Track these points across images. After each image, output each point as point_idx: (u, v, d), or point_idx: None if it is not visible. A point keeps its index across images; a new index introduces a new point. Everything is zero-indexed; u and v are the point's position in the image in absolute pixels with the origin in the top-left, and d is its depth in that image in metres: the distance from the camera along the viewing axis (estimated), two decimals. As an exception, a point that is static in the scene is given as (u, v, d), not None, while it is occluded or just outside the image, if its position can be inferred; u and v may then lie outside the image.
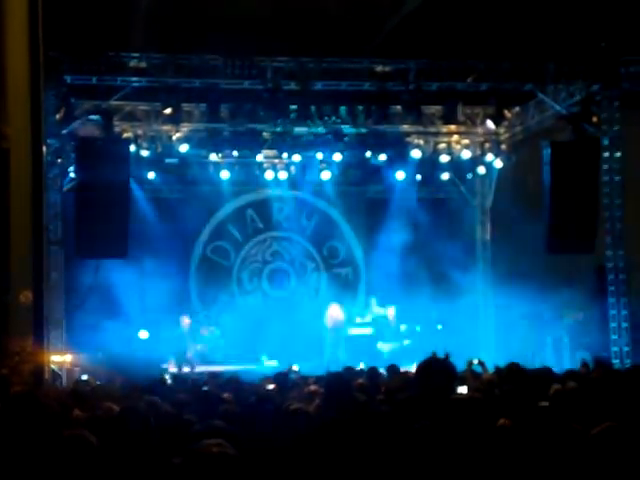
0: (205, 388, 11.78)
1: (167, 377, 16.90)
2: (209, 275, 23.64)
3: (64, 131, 18.62)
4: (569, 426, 5.49)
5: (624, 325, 18.79)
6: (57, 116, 18.28)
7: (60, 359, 17.99)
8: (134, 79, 18.12)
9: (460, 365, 12.27)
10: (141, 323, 20.72)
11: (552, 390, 7.92)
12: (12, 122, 14.92)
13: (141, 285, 20.59)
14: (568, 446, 4.73)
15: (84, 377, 16.93)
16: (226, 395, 9.28)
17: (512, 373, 9.07)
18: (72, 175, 19.16)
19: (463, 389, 8.90)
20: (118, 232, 17.62)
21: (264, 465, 4.78)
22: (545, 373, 10.14)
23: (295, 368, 15.99)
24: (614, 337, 18.82)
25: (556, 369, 12.07)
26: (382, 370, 12.63)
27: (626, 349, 18.64)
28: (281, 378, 11.61)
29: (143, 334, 20.98)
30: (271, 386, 11.15)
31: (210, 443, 3.94)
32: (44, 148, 16.12)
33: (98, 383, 14.69)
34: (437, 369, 5.27)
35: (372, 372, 11.91)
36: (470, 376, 11.54)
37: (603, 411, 6.09)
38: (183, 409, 7.48)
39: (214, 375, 15.22)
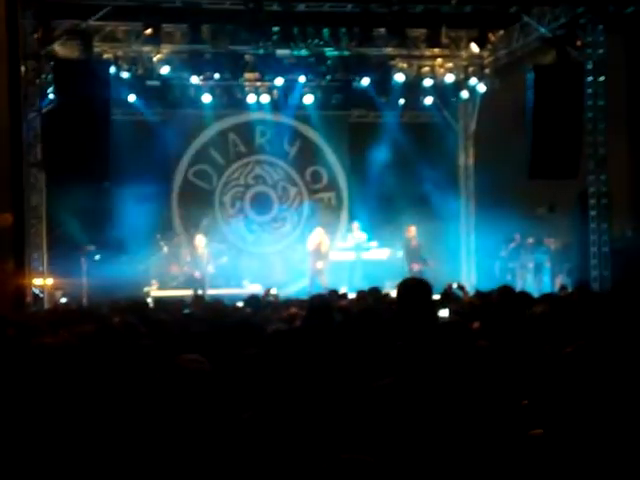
0: (187, 311, 11.85)
1: (149, 300, 17.00)
2: (191, 199, 23.55)
3: (42, 52, 18.32)
4: (541, 347, 5.55)
5: (604, 250, 18.90)
6: (35, 36, 17.98)
7: (41, 282, 18.00)
8: (114, -2, 17.82)
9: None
10: (123, 247, 20.69)
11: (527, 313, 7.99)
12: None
13: (122, 208, 20.47)
14: (541, 365, 4.79)
15: (63, 300, 16.96)
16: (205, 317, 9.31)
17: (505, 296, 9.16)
18: (51, 97, 18.89)
19: (445, 312, 8.99)
20: (99, 156, 17.47)
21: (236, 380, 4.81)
22: (524, 297, 10.23)
23: (273, 292, 15.94)
24: (594, 262, 18.94)
25: (536, 294, 12.18)
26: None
27: (606, 274, 18.77)
28: (254, 301, 11.63)
29: (125, 257, 20.99)
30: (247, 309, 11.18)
31: (188, 358, 3.97)
32: (22, 68, 15.93)
33: (77, 306, 14.72)
34: (417, 288, 5.28)
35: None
36: (450, 299, 11.64)
37: (579, 332, 6.15)
38: (160, 330, 7.50)
39: (195, 298, 15.26)
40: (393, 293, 9.86)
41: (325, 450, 3.74)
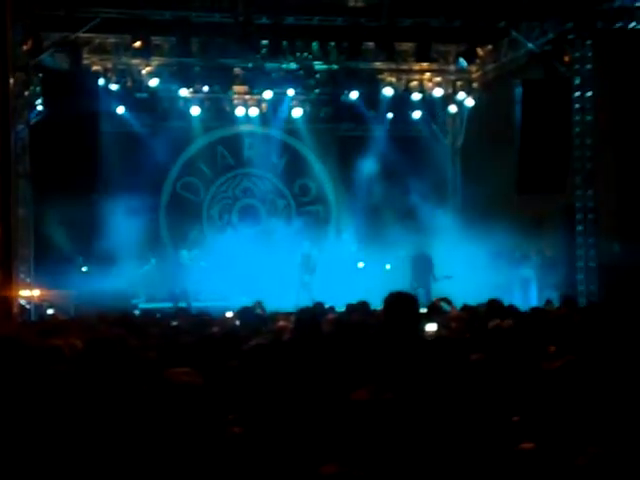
0: (174, 323, 11.81)
1: (136, 312, 16.94)
2: (179, 211, 23.53)
3: (31, 63, 18.29)
4: (534, 361, 5.56)
5: (591, 265, 18.94)
6: (24, 47, 17.96)
7: (28, 294, 17.92)
8: (103, 10, 17.80)
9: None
10: (111, 259, 20.63)
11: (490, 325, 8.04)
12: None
13: (110, 220, 20.42)
14: (531, 378, 4.81)
15: (50, 311, 16.88)
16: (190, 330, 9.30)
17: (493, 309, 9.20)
18: (40, 108, 18.85)
19: (432, 326, 8.97)
20: (87, 167, 17.45)
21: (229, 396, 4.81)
22: (511, 310, 10.26)
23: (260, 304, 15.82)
24: (581, 277, 18.98)
25: (523, 308, 12.19)
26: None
27: (592, 288, 18.80)
28: (244, 313, 11.60)
29: (112, 269, 20.93)
30: (236, 322, 11.15)
31: (179, 371, 3.97)
32: (11, 80, 15.86)
33: (65, 317, 14.65)
34: (403, 302, 5.28)
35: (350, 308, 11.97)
36: (438, 313, 11.63)
37: (566, 346, 6.17)
38: (149, 342, 7.49)
39: (183, 310, 15.23)
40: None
41: (311, 463, 3.73)
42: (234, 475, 3.77)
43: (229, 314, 12.38)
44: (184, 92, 21.39)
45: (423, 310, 9.76)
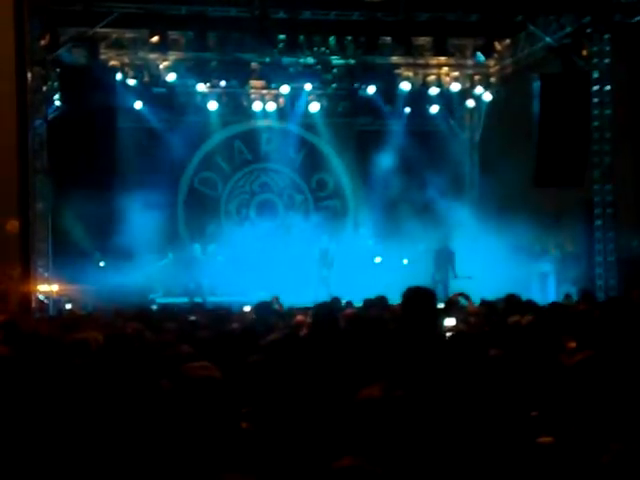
0: (192, 318, 11.82)
1: (154, 307, 16.97)
2: (197, 206, 23.56)
3: (49, 58, 18.34)
4: (553, 356, 5.52)
5: (610, 259, 18.86)
6: (42, 42, 18.01)
7: (47, 288, 18.00)
8: (120, 5, 17.82)
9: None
10: (128, 254, 20.68)
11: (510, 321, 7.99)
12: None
13: (128, 215, 20.46)
14: (550, 373, 4.78)
15: (68, 306, 16.94)
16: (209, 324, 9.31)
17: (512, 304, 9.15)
18: (57, 104, 18.91)
19: (450, 321, 8.94)
20: (104, 163, 17.49)
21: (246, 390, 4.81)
22: (530, 305, 10.22)
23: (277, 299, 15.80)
24: (599, 271, 18.90)
25: (541, 303, 12.13)
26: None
27: (611, 283, 18.73)
28: (262, 308, 11.58)
29: (130, 264, 21.00)
30: (253, 316, 11.15)
31: (197, 366, 3.97)
32: (28, 75, 15.95)
33: (83, 312, 14.71)
34: (421, 297, 5.26)
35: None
36: (455, 308, 11.60)
37: (585, 341, 6.13)
38: (168, 337, 7.49)
39: (199, 305, 15.25)
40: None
41: (323, 458, 3.72)
42: (247, 468, 3.77)
43: (247, 308, 12.41)
44: (201, 87, 21.40)
45: (441, 305, 9.75)
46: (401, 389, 4.18)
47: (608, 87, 18.66)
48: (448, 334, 6.02)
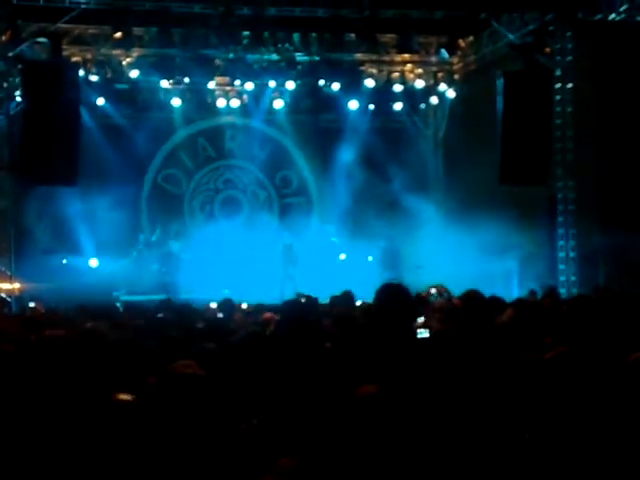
0: (160, 315, 11.75)
1: (118, 304, 16.86)
2: (161, 203, 23.44)
3: (10, 54, 18.15)
4: (514, 352, 5.54)
5: (572, 255, 19.04)
6: (3, 38, 17.82)
7: (9, 286, 17.82)
8: (83, 1, 17.69)
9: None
10: (91, 251, 20.56)
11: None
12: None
13: (91, 213, 20.32)
14: (521, 370, 4.79)
15: (32, 304, 16.77)
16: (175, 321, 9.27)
17: (470, 300, 9.14)
18: (19, 99, 18.72)
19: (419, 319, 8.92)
20: (67, 159, 17.29)
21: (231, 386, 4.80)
22: (495, 302, 10.25)
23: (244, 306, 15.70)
24: (562, 267, 19.08)
25: (505, 299, 12.18)
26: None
27: (573, 279, 18.91)
28: (227, 305, 11.57)
29: (93, 262, 20.86)
30: (219, 314, 11.13)
31: (183, 364, 3.98)
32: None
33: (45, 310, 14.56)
34: (397, 294, 5.25)
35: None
36: (425, 305, 11.60)
37: (551, 338, 6.17)
38: (139, 335, 7.44)
39: (166, 303, 15.14)
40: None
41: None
42: (234, 464, 3.77)
43: (212, 305, 12.39)
44: (165, 83, 21.32)
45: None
46: (374, 386, 4.18)
47: (570, 85, 18.81)
48: (420, 332, 5.98)
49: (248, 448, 3.91)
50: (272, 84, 21.77)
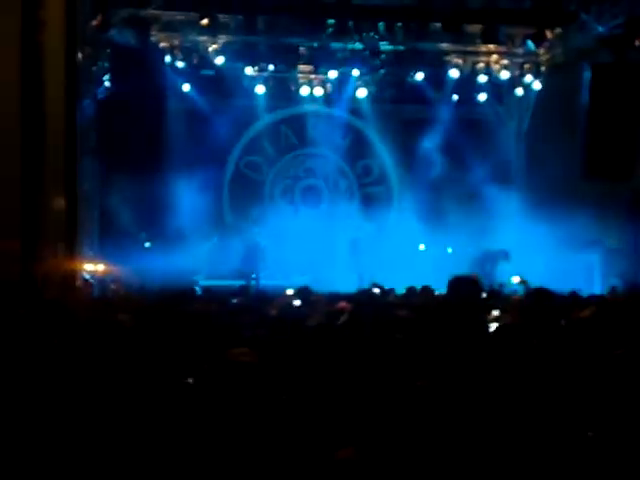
0: (234, 301, 11.88)
1: (197, 288, 17.07)
2: (242, 189, 23.65)
3: (100, 39, 18.46)
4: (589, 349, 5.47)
5: (657, 253, 18.67)
6: (93, 23, 18.13)
7: (92, 268, 18.15)
8: (171, -13, 17.92)
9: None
10: (174, 235, 20.82)
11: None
12: (47, 28, 14.72)
13: (174, 197, 20.59)
14: (591, 367, 4.73)
15: (113, 286, 17.09)
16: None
17: (540, 297, 9.04)
18: (107, 84, 19.05)
19: (494, 312, 8.85)
20: (153, 144, 17.59)
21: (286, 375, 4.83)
22: (573, 297, 10.13)
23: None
24: (646, 264, 18.72)
25: (586, 295, 12.03)
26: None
27: (658, 277, 18.54)
28: (304, 293, 11.62)
29: (176, 246, 21.13)
30: (296, 301, 11.18)
31: (237, 352, 4.01)
32: (79, 55, 16.04)
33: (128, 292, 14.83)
34: (465, 288, 5.24)
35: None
36: (498, 298, 11.52)
37: (628, 335, 6.07)
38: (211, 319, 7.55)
39: (244, 289, 15.32)
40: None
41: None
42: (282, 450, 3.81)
43: (289, 292, 12.46)
44: (249, 70, 21.47)
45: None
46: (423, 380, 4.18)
47: (660, 79, 18.40)
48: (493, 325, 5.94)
49: (307, 434, 3.94)
50: (355, 73, 21.74)
